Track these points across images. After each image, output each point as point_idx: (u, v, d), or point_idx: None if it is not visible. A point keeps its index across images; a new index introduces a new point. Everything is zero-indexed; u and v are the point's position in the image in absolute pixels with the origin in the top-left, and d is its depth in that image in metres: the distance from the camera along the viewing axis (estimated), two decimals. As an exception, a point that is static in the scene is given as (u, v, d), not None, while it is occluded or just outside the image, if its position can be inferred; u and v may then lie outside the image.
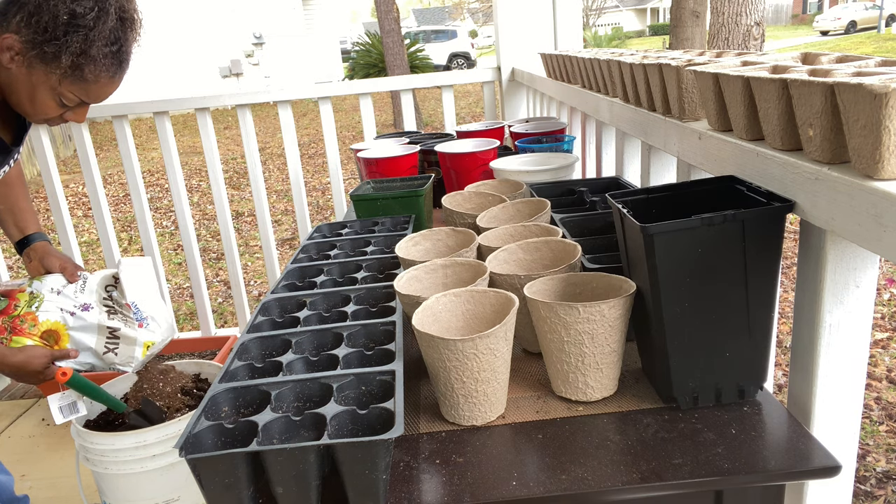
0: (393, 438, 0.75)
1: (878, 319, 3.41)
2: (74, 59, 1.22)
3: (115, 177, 9.02)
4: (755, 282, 0.86)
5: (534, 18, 2.90)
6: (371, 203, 1.72)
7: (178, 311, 4.49)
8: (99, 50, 1.23)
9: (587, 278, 1.03)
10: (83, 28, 1.20)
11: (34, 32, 1.19)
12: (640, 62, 1.37)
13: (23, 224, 1.60)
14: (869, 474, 2.27)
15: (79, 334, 1.49)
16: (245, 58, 15.33)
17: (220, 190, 2.97)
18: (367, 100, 2.97)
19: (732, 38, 6.64)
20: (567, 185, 1.58)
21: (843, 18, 24.82)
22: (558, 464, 0.84)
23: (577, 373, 0.95)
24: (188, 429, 0.81)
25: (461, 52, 23.79)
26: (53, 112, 1.30)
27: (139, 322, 1.55)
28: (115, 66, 1.28)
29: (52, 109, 1.29)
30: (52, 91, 1.26)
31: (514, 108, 3.10)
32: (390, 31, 10.60)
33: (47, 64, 1.22)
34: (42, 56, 1.21)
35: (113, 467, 1.56)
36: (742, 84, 0.94)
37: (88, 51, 1.22)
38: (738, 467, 0.80)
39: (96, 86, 1.28)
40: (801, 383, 0.93)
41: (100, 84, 1.28)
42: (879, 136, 0.68)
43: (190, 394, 1.74)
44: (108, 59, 1.26)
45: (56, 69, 1.22)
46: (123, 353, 1.53)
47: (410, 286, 1.09)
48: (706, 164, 1.12)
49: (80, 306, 1.49)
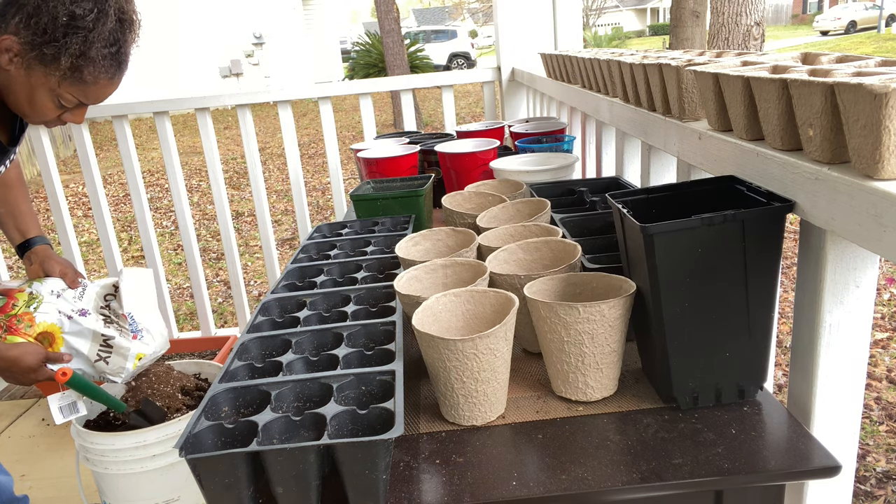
0: (393, 438, 0.75)
1: (878, 319, 3.41)
2: (73, 61, 1.22)
3: (115, 177, 9.02)
4: (755, 282, 0.86)
5: (534, 18, 2.90)
6: (371, 203, 1.72)
7: (178, 311, 4.49)
8: (98, 51, 1.23)
9: (587, 278, 1.03)
10: (82, 30, 1.20)
11: (33, 34, 1.19)
12: (640, 62, 1.37)
13: (24, 227, 1.60)
14: (869, 474, 2.27)
15: (73, 339, 1.49)
16: (245, 58, 15.34)
17: (220, 190, 2.97)
18: (367, 100, 2.97)
19: (732, 38, 6.63)
20: (567, 185, 1.58)
21: (843, 18, 24.82)
22: (558, 464, 0.84)
23: (577, 373, 0.95)
24: (188, 429, 0.81)
25: (461, 52, 23.79)
26: (52, 113, 1.30)
27: (133, 333, 1.55)
28: (114, 67, 1.28)
29: (50, 111, 1.29)
30: (51, 92, 1.26)
31: (514, 108, 3.10)
32: (390, 31, 10.60)
33: (46, 65, 1.22)
34: (41, 58, 1.21)
35: (113, 467, 1.56)
36: (742, 84, 0.94)
37: (88, 52, 1.22)
38: (738, 467, 0.80)
39: (95, 87, 1.28)
40: (801, 383, 0.93)
41: (99, 85, 1.28)
42: (879, 136, 0.68)
43: (190, 394, 1.74)
44: (107, 61, 1.25)
45: (55, 71, 1.22)
46: (114, 364, 1.53)
47: (410, 286, 1.09)
48: (706, 164, 1.12)
49: (77, 311, 1.50)
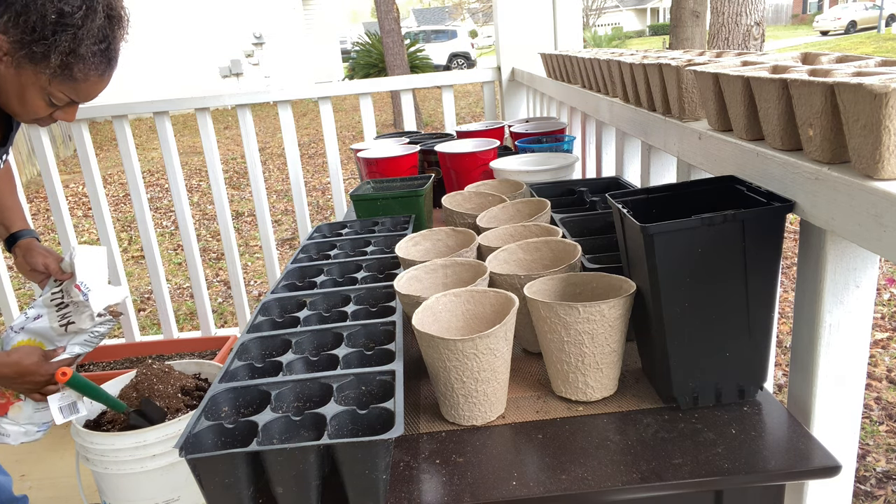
0: (393, 438, 0.75)
1: (878, 319, 3.41)
2: (63, 59, 1.21)
3: (115, 177, 9.02)
4: (755, 282, 0.86)
5: (534, 18, 2.90)
6: (371, 203, 1.72)
7: (178, 311, 4.49)
8: (88, 48, 1.23)
9: (587, 278, 1.03)
10: (71, 27, 1.20)
11: (22, 32, 1.18)
12: (640, 62, 1.37)
13: (9, 222, 1.63)
14: (869, 474, 2.27)
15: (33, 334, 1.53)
16: (245, 58, 15.34)
17: (220, 190, 2.97)
18: (367, 100, 2.97)
19: (732, 38, 6.64)
20: (567, 185, 1.58)
21: (843, 18, 24.83)
22: (558, 464, 0.84)
23: (577, 373, 0.95)
24: (188, 429, 0.81)
25: (461, 52, 23.80)
26: (43, 112, 1.30)
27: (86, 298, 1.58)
28: (103, 64, 1.28)
29: (41, 109, 1.29)
30: (42, 91, 1.26)
31: (514, 108, 3.10)
32: (390, 31, 10.60)
33: (36, 64, 1.21)
34: (31, 56, 1.20)
35: (113, 467, 1.56)
36: (742, 84, 0.94)
37: (77, 49, 1.21)
38: (738, 467, 0.80)
39: (86, 84, 1.28)
40: (801, 383, 0.93)
41: (89, 83, 1.28)
42: (879, 136, 0.68)
43: (190, 394, 1.74)
44: (97, 58, 1.25)
45: (45, 69, 1.22)
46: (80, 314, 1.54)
47: (410, 286, 1.09)
48: (706, 164, 1.12)
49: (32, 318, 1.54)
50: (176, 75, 14.31)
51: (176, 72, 14.39)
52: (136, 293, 4.91)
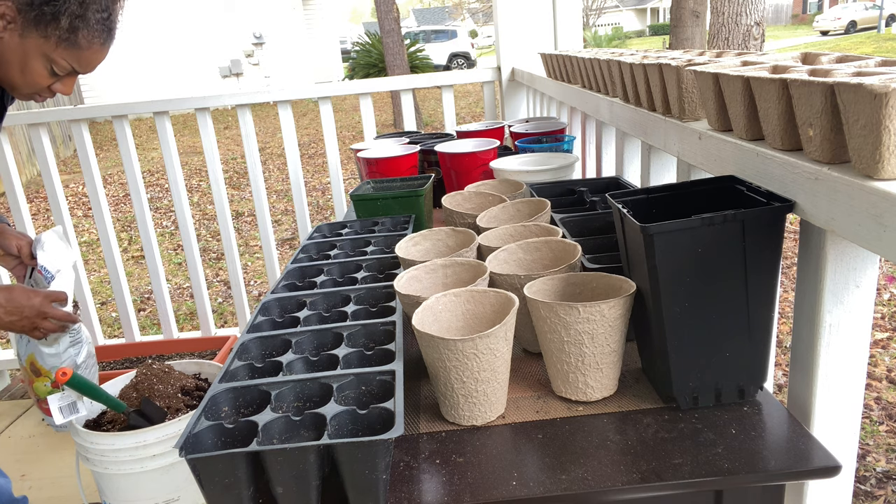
0: (393, 438, 0.75)
1: (878, 319, 3.41)
2: (72, 21, 1.26)
3: (115, 177, 9.02)
4: (755, 282, 0.86)
5: (534, 18, 2.90)
6: (371, 203, 1.72)
7: (178, 311, 4.49)
8: (93, 14, 1.28)
9: (587, 278, 1.03)
10: None
11: None
12: (640, 62, 1.37)
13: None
14: (869, 474, 2.27)
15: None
16: (245, 58, 15.33)
17: (220, 190, 2.97)
18: (367, 100, 2.97)
19: (732, 38, 6.64)
20: (567, 185, 1.58)
21: (843, 18, 24.84)
22: (558, 464, 0.84)
23: (577, 373, 0.95)
24: (188, 429, 0.81)
25: (461, 52, 23.80)
26: (44, 81, 1.34)
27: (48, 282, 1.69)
28: (105, 32, 1.34)
29: (43, 79, 1.33)
30: (45, 58, 1.30)
31: (514, 108, 3.10)
32: (390, 31, 10.60)
33: (45, 26, 1.25)
34: (40, 18, 1.24)
35: (113, 467, 1.56)
36: (742, 84, 0.94)
37: (85, 14, 1.27)
38: (738, 467, 0.80)
39: (88, 52, 1.33)
40: (801, 383, 0.93)
41: (92, 50, 1.33)
42: (879, 136, 0.68)
43: (190, 394, 1.74)
44: (100, 25, 1.31)
45: (53, 31, 1.26)
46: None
47: (410, 286, 1.09)
48: (706, 164, 1.12)
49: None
50: (176, 75, 14.31)
51: (176, 72, 14.39)
52: (137, 293, 4.91)
